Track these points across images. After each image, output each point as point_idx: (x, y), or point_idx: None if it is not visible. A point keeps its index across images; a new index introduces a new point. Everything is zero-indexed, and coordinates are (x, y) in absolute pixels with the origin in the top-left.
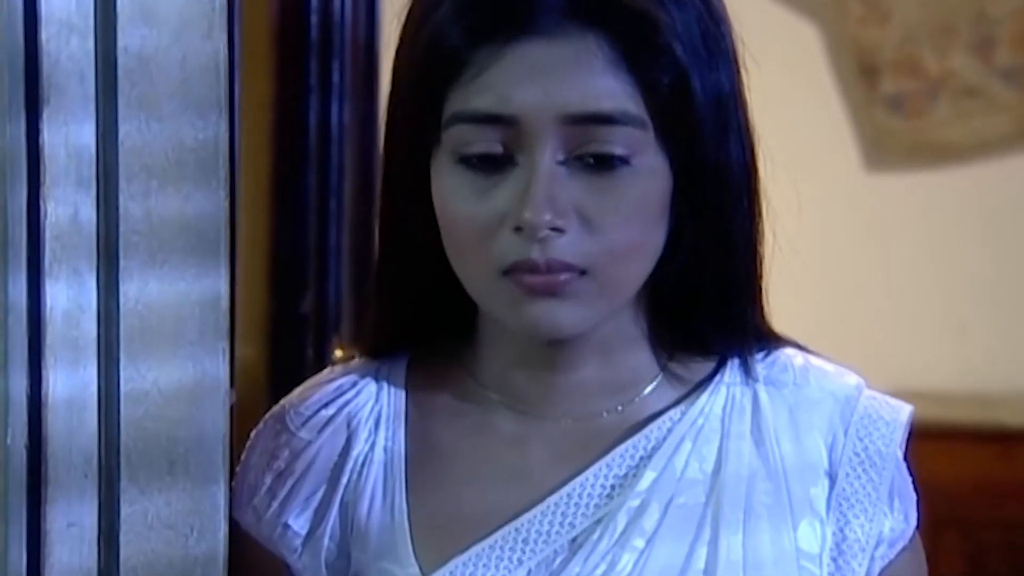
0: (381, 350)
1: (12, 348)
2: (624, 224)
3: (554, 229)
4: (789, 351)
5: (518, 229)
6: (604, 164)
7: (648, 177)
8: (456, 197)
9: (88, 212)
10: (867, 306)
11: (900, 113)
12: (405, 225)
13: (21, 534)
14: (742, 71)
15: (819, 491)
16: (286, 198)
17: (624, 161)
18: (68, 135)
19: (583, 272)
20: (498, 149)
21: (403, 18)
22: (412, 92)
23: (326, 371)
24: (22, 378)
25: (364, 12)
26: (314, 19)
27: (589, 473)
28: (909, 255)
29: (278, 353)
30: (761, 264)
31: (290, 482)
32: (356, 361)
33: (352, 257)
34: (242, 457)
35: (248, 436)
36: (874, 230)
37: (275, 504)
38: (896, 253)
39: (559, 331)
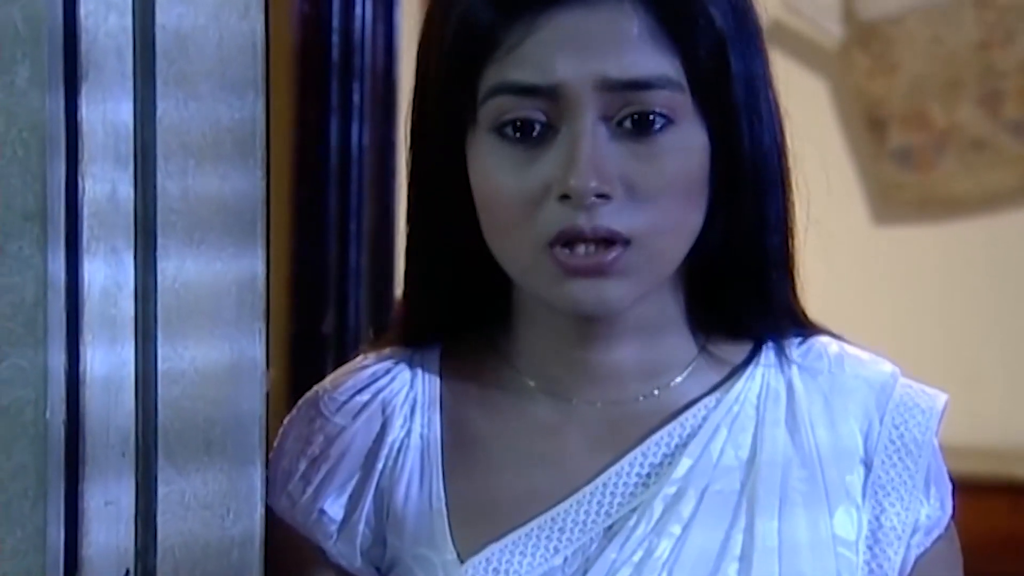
0: (414, 339)
1: (51, 325)
2: (668, 194)
3: (600, 196)
4: (824, 339)
5: (564, 197)
6: (646, 126)
7: (689, 147)
8: (498, 171)
9: (126, 190)
10: None
11: (908, 166)
12: (436, 211)
13: (59, 512)
14: (767, 53)
15: (855, 478)
16: (307, 219)
17: (667, 120)
18: (106, 112)
19: (628, 243)
20: (540, 116)
21: (429, 5)
22: (445, 72)
23: (358, 358)
24: (60, 355)
25: (383, 39)
26: (335, 39)
27: (625, 462)
28: (918, 308)
29: (299, 373)
30: (794, 243)
31: (325, 468)
32: (389, 349)
33: (372, 278)
34: (275, 443)
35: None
36: (882, 283)
37: (310, 490)
38: (905, 306)
39: (603, 307)
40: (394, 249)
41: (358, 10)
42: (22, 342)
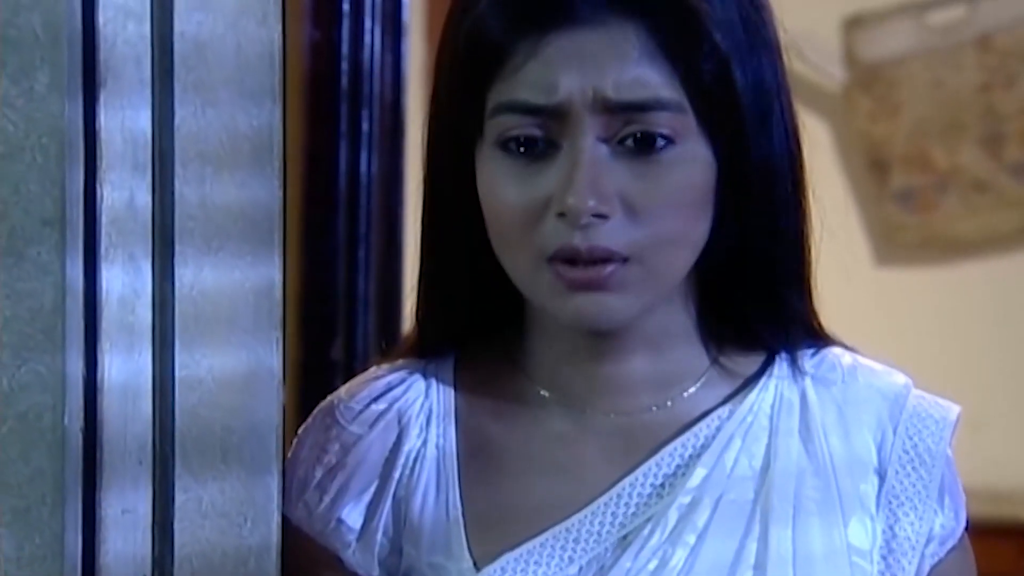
0: (427, 350)
1: (69, 331)
2: (668, 211)
3: (598, 216)
4: (837, 350)
5: (561, 215)
6: (647, 146)
7: (691, 163)
8: (500, 184)
9: (144, 197)
10: None
11: (910, 207)
12: (449, 221)
13: (76, 519)
14: (784, 58)
15: (869, 488)
16: (315, 246)
17: (668, 140)
18: (124, 120)
19: (625, 260)
20: (542, 133)
21: (446, 17)
22: (455, 85)
23: (373, 369)
24: (78, 361)
25: (391, 68)
26: (344, 67)
27: (639, 472)
28: (920, 349)
29: (308, 400)
30: (809, 255)
31: (341, 477)
32: (402, 360)
33: (380, 305)
34: (290, 453)
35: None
36: (884, 324)
37: (327, 499)
38: (907, 347)
39: (605, 321)
40: (402, 276)
41: (367, 39)
42: (40, 348)
